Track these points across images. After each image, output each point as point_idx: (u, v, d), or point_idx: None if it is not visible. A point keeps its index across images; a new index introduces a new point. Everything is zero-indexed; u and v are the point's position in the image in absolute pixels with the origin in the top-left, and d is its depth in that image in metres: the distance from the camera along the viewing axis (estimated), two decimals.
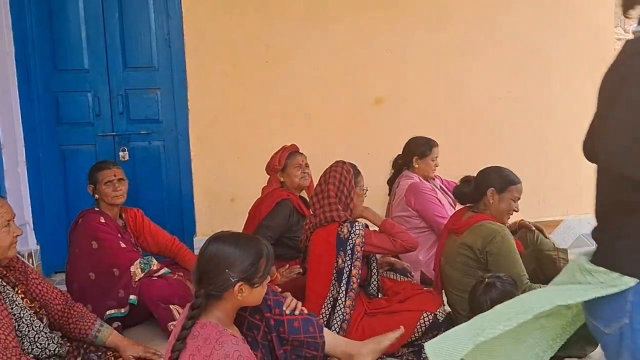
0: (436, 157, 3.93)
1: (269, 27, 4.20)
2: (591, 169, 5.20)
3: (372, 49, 4.32)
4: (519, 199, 2.96)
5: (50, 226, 4.16)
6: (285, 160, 3.70)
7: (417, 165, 3.92)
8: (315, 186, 3.13)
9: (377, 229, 3.02)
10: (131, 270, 3.16)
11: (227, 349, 1.82)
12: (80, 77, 4.19)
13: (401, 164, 4.00)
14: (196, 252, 3.85)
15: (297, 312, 2.32)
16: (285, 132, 4.17)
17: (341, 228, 2.84)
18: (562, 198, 4.67)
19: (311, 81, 4.30)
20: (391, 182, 4.06)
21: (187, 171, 4.32)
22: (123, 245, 3.26)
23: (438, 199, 3.75)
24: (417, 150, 3.92)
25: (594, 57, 4.54)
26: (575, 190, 4.68)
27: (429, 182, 3.95)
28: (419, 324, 2.80)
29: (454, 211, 3.23)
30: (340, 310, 2.78)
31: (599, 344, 1.57)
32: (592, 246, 5.08)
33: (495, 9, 4.42)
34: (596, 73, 5.06)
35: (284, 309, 2.29)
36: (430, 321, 2.80)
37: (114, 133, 4.27)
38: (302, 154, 3.78)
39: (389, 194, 4.06)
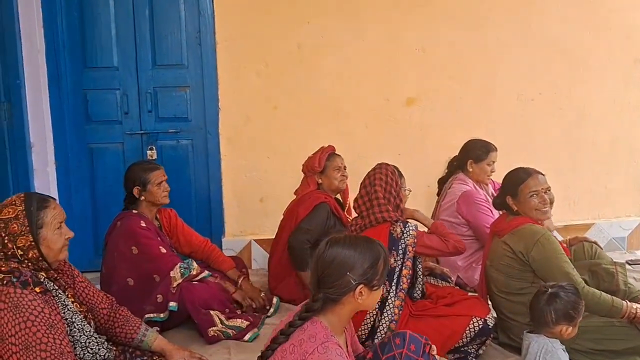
0: (493, 162, 3.79)
1: (300, 26, 4.15)
2: (621, 172, 5.19)
3: (404, 48, 4.26)
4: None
5: (77, 225, 4.10)
6: (325, 162, 3.65)
7: (471, 169, 3.79)
8: (360, 189, 3.10)
9: (425, 230, 3.00)
10: (171, 275, 3.11)
11: (330, 356, 1.79)
12: (109, 75, 4.15)
13: (456, 166, 3.88)
14: (226, 252, 3.83)
15: None
16: (318, 133, 4.13)
17: (394, 227, 2.83)
18: (593, 201, 4.62)
19: (343, 81, 4.24)
20: (443, 181, 3.95)
21: (216, 170, 4.27)
22: (163, 250, 3.22)
23: (489, 209, 3.62)
24: (473, 153, 3.79)
25: (627, 59, 4.50)
26: (605, 194, 4.63)
27: (481, 187, 3.85)
28: (468, 329, 2.76)
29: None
30: (390, 310, 2.76)
31: None
32: (623, 250, 5.02)
33: (528, 8, 4.35)
34: (629, 74, 5.08)
35: None
36: (480, 327, 2.76)
37: (142, 131, 4.22)
38: (340, 156, 3.74)
39: (438, 194, 3.97)
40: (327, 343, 1.82)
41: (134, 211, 3.29)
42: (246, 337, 3.11)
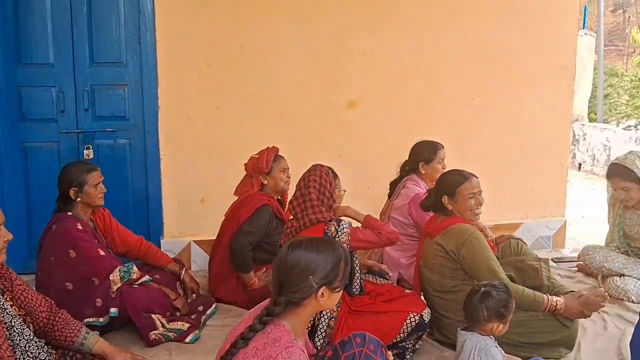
0: (442, 160, 3.86)
1: (244, 26, 4.15)
2: (548, 175, 5.43)
3: (347, 52, 4.35)
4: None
5: (11, 226, 3.92)
6: (271, 162, 3.66)
7: (424, 171, 3.85)
8: (294, 190, 3.14)
9: (359, 225, 3.07)
10: (110, 278, 3.06)
11: None
12: (44, 72, 4.03)
13: (408, 170, 3.92)
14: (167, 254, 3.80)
15: None
16: (260, 133, 4.14)
17: (328, 227, 2.89)
18: (522, 202, 4.85)
19: (287, 82, 4.28)
20: (395, 183, 3.97)
21: (155, 170, 4.21)
22: (102, 252, 3.16)
23: None
24: (422, 155, 3.85)
25: (555, 67, 4.75)
26: (533, 195, 4.87)
27: None
28: (405, 324, 2.84)
29: None
30: None
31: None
32: (549, 248, 5.26)
33: (464, 17, 4.53)
34: (557, 82, 5.33)
35: None
36: (417, 322, 2.85)
37: (78, 130, 4.12)
38: (284, 157, 3.76)
39: (389, 195, 4.01)
40: (291, 348, 1.82)
41: (69, 213, 3.19)
42: (187, 339, 3.10)
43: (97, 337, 2.52)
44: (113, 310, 3.01)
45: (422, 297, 3.16)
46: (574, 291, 3.02)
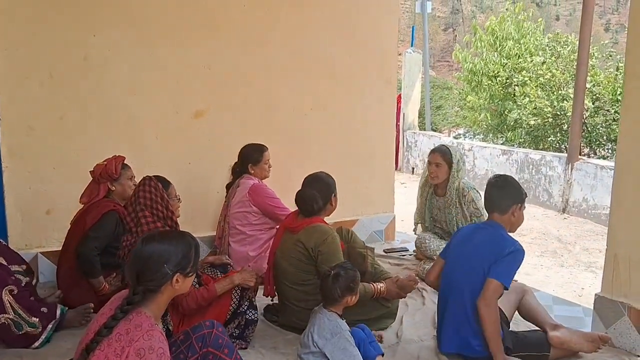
0: (268, 160, 4.35)
1: (88, 38, 4.20)
2: (379, 176, 6.18)
3: (193, 64, 4.56)
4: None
5: None
6: (120, 169, 3.77)
7: (253, 171, 4.29)
8: (126, 206, 3.34)
9: None
10: None
11: (154, 343, 2.00)
12: None
13: (239, 172, 4.34)
14: None
15: None
16: (106, 143, 4.21)
17: None
18: (357, 201, 5.38)
19: (133, 93, 4.38)
20: (230, 185, 4.37)
21: None
22: None
23: (276, 196, 4.20)
24: (251, 157, 4.30)
25: (381, 80, 5.36)
26: (367, 194, 5.43)
27: None
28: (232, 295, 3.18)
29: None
30: None
31: None
32: (381, 241, 5.93)
33: (301, 33, 4.96)
34: (382, 93, 5.99)
35: None
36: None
37: None
38: (130, 166, 3.88)
39: (226, 197, 4.35)
40: (151, 331, 2.04)
41: None
42: (37, 344, 3.12)
43: None
44: None
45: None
46: (393, 276, 3.52)
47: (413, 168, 11.85)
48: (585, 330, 3.34)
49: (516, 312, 3.26)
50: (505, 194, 3.05)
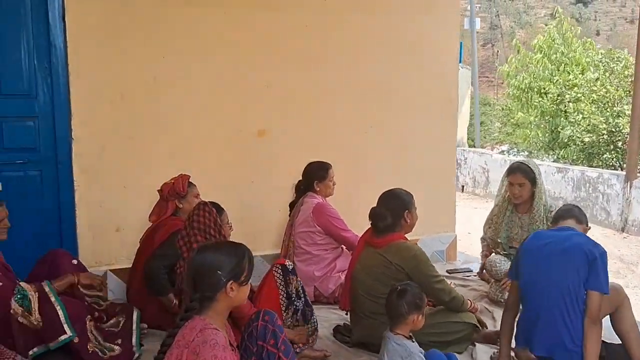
0: (333, 177, 4.36)
1: (156, 60, 4.31)
2: (440, 195, 6.05)
3: (253, 83, 4.61)
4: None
5: None
6: (187, 187, 3.83)
7: (318, 188, 4.32)
8: (181, 230, 3.41)
9: None
10: (12, 313, 2.90)
11: (207, 337, 2.09)
12: None
13: (304, 189, 4.35)
14: None
15: None
16: (173, 163, 4.26)
17: None
18: (418, 220, 5.28)
19: (196, 113, 4.46)
20: (294, 204, 4.39)
21: (68, 201, 4.22)
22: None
23: (340, 217, 4.22)
24: (316, 174, 4.32)
25: (442, 97, 5.32)
26: (428, 213, 5.31)
27: None
28: (275, 278, 3.39)
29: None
30: None
31: None
32: (443, 261, 5.82)
33: (358, 54, 4.97)
34: (444, 111, 5.94)
35: None
36: (281, 270, 3.38)
37: None
38: (195, 185, 3.95)
39: (289, 215, 4.36)
40: (205, 330, 2.12)
41: None
42: None
43: None
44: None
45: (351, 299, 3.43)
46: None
47: (463, 186, 11.68)
48: None
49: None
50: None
